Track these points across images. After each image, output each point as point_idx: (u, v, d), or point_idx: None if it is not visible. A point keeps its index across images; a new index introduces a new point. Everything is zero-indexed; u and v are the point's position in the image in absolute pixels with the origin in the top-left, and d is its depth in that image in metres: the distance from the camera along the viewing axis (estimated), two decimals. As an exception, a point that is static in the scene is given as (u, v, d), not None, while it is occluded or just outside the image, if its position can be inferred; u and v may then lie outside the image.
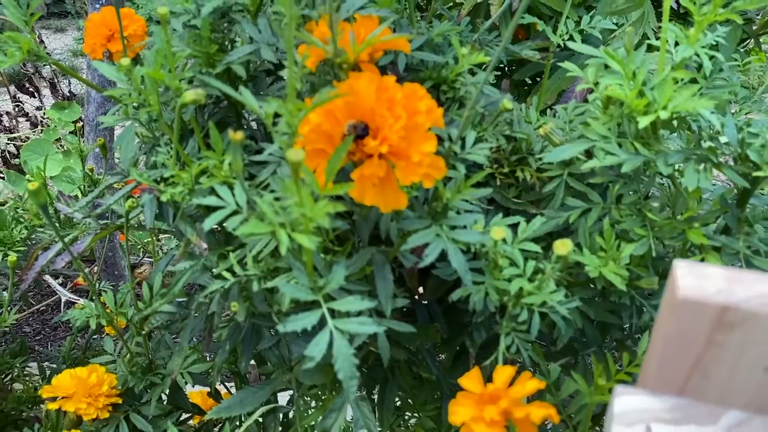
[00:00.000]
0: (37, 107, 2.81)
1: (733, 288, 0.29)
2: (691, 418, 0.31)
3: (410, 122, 0.45)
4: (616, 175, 0.56)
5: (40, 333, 2.60)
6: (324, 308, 0.45)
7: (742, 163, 0.52)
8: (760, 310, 0.28)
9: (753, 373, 0.30)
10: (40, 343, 2.56)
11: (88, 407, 0.73)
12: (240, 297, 0.56)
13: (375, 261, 0.55)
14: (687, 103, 0.48)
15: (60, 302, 2.36)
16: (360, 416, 0.56)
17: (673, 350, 0.30)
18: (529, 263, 0.50)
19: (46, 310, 2.66)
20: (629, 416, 0.31)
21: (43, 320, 2.68)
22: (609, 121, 0.56)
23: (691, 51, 0.51)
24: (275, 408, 0.80)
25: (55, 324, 2.64)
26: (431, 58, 0.61)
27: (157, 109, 0.54)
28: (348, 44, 0.48)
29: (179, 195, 0.54)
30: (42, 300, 2.55)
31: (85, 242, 0.73)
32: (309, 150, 0.45)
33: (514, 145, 0.65)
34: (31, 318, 2.64)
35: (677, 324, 0.29)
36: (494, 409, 0.40)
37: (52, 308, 2.65)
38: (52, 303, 2.58)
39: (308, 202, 0.38)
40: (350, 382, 0.43)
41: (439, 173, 0.46)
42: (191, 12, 0.57)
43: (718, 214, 0.55)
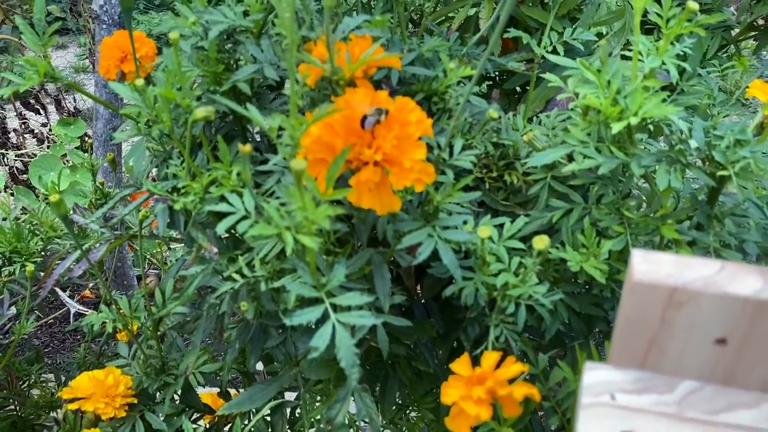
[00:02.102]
0: (42, 124, 2.87)
1: (681, 271, 0.33)
2: (650, 388, 0.35)
3: (402, 132, 0.49)
4: (595, 177, 0.61)
5: (49, 345, 2.65)
6: (327, 303, 0.49)
7: (710, 164, 0.56)
8: (704, 290, 0.32)
9: (702, 346, 0.34)
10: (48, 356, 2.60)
11: (106, 407, 0.78)
12: (249, 297, 0.61)
13: (373, 261, 0.60)
14: (655, 109, 0.52)
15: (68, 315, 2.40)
16: (362, 406, 0.61)
17: (633, 329, 0.35)
18: (514, 259, 0.54)
19: (54, 323, 2.70)
20: (596, 387, 0.35)
21: (51, 333, 2.72)
22: (588, 127, 0.61)
23: (659, 61, 0.55)
24: (283, 404, 0.84)
25: (63, 337, 2.69)
26: (422, 72, 0.65)
27: (169, 125, 0.58)
28: (344, 62, 0.53)
29: (191, 203, 0.58)
30: (50, 313, 2.59)
31: (101, 251, 0.77)
32: (311, 159, 0.49)
33: (502, 151, 0.70)
34: (40, 331, 2.68)
35: (634, 305, 0.34)
36: (481, 389, 0.44)
37: (60, 321, 2.70)
38: (60, 316, 2.62)
39: (310, 206, 0.42)
40: (352, 369, 0.48)
41: (429, 178, 0.50)
42: (199, 34, 0.61)
43: (689, 211, 0.59)
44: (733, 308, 0.32)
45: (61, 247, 0.87)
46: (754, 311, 0.32)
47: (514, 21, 0.96)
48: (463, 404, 0.45)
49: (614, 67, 0.58)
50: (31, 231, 0.99)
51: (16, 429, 1.01)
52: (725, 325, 0.33)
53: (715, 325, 0.33)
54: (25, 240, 0.96)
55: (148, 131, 0.66)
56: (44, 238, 0.97)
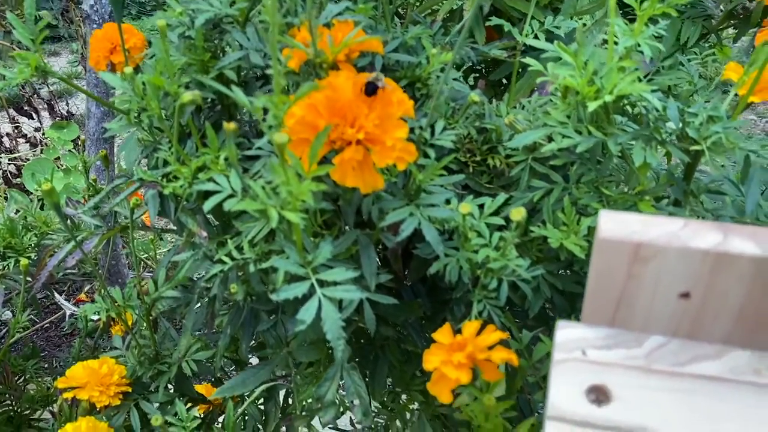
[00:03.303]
0: (36, 128, 2.87)
1: (646, 228, 0.34)
2: (620, 344, 0.37)
3: (383, 112, 0.51)
4: (574, 157, 0.62)
5: (45, 349, 2.65)
6: (313, 279, 0.50)
7: (684, 140, 0.58)
8: (668, 244, 0.34)
9: (668, 300, 0.35)
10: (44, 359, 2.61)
11: (101, 395, 0.79)
12: (238, 280, 0.62)
13: (360, 242, 0.61)
14: (629, 87, 0.54)
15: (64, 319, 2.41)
16: (351, 384, 0.62)
17: (602, 286, 0.36)
18: (494, 235, 0.56)
19: (50, 327, 2.71)
20: (568, 344, 0.37)
21: (47, 337, 2.72)
22: (567, 109, 0.62)
23: (633, 41, 0.57)
24: (275, 388, 0.85)
25: (59, 341, 2.69)
26: (405, 59, 0.67)
27: (157, 112, 0.60)
28: (326, 46, 0.54)
29: (180, 188, 0.60)
30: (46, 317, 2.60)
31: (93, 242, 0.79)
32: (295, 140, 0.51)
33: (486, 136, 0.71)
34: (35, 335, 2.68)
35: (602, 262, 0.35)
36: (461, 354, 0.46)
37: (56, 325, 2.70)
38: (56, 320, 2.62)
39: (294, 180, 0.43)
40: (338, 342, 0.49)
41: (411, 156, 0.52)
42: (186, 24, 0.63)
43: (666, 188, 0.60)
44: (695, 262, 0.34)
45: (55, 242, 0.88)
46: (714, 264, 0.33)
47: (498, 12, 0.98)
48: (443, 369, 0.46)
49: (591, 50, 0.60)
50: (24, 227, 1.00)
51: (12, 424, 1.02)
52: (688, 278, 0.34)
53: (678, 279, 0.35)
54: (18, 236, 0.97)
55: (139, 122, 0.67)
56: (38, 233, 0.98)
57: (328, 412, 0.62)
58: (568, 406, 0.34)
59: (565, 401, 0.35)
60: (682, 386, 0.35)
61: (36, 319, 2.59)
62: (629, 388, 0.35)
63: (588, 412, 0.34)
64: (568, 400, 0.35)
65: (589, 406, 0.35)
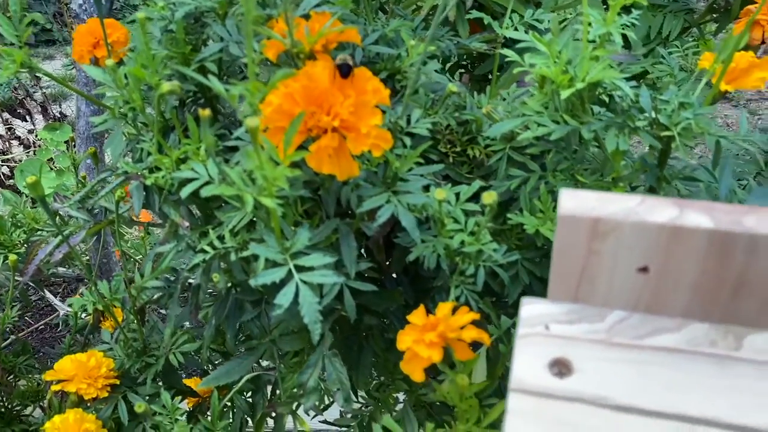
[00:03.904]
0: (29, 130, 2.88)
1: (604, 205, 0.35)
2: (582, 319, 0.38)
3: (358, 100, 0.52)
4: (550, 145, 0.63)
5: (40, 351, 2.65)
6: (290, 264, 0.51)
7: (656, 127, 0.59)
8: (625, 219, 0.35)
9: (627, 275, 0.36)
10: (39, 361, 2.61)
11: (88, 387, 0.79)
12: (220, 269, 0.63)
13: (340, 230, 0.62)
14: (600, 74, 0.55)
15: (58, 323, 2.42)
16: (333, 371, 0.63)
17: (564, 262, 0.37)
18: (470, 220, 0.57)
19: (45, 328, 2.71)
20: (532, 320, 0.38)
21: (42, 339, 2.72)
22: (544, 98, 0.64)
23: (604, 30, 0.58)
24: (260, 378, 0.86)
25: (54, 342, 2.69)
26: (385, 51, 0.68)
27: (139, 104, 0.61)
28: (303, 36, 0.55)
29: (162, 179, 0.61)
30: (40, 319, 2.60)
31: (80, 235, 0.79)
32: (272, 128, 0.52)
33: (466, 127, 0.72)
34: (30, 337, 2.69)
35: (563, 238, 0.36)
36: (433, 333, 0.46)
37: (51, 327, 2.70)
38: (51, 322, 2.63)
39: (267, 165, 0.44)
40: (315, 325, 0.50)
41: (387, 144, 0.53)
42: (167, 18, 0.64)
43: (640, 174, 0.62)
44: (651, 236, 0.35)
45: (43, 237, 0.89)
46: (670, 238, 0.34)
47: (481, 7, 0.99)
48: (415, 348, 0.47)
49: (565, 40, 0.61)
50: (13, 224, 1.00)
51: (2, 420, 1.03)
52: (645, 253, 0.35)
53: (636, 254, 0.36)
54: (7, 232, 0.97)
55: (123, 116, 0.68)
56: (26, 230, 0.99)
57: (310, 399, 0.62)
58: (531, 379, 0.35)
59: (528, 374, 0.35)
60: (641, 358, 0.36)
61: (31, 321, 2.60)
62: (590, 360, 0.36)
63: (550, 384, 0.35)
64: (531, 373, 0.35)
65: (551, 378, 0.35)
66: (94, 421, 0.78)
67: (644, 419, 0.33)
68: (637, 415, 0.34)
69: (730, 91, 0.73)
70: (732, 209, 0.35)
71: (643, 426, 0.33)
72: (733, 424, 0.33)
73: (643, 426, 0.33)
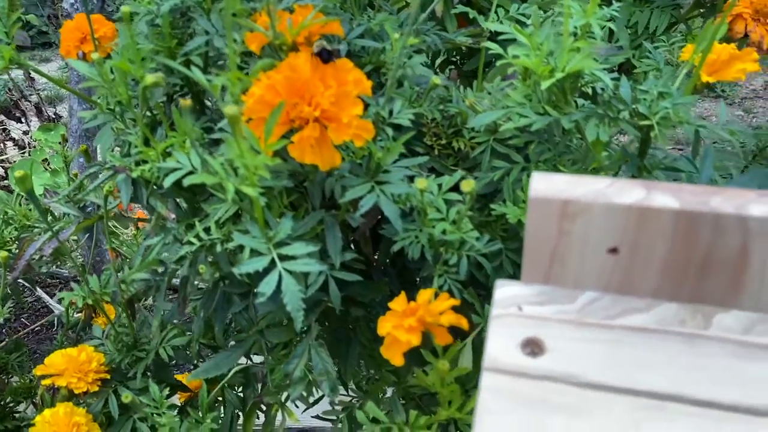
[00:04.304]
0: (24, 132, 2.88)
1: (573, 187, 0.36)
2: (554, 300, 0.38)
3: (340, 90, 0.52)
4: (533, 136, 0.64)
5: (36, 352, 2.65)
6: (274, 253, 0.52)
7: (637, 117, 0.60)
8: (594, 201, 0.35)
9: (597, 256, 0.37)
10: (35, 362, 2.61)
11: (79, 381, 0.80)
12: (207, 261, 0.64)
13: (325, 222, 0.63)
14: (579, 64, 0.56)
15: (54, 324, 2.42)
16: (319, 361, 0.63)
17: (536, 244, 0.38)
18: (451, 210, 0.57)
19: (41, 330, 2.71)
20: (505, 301, 0.38)
21: (38, 340, 2.72)
22: (526, 90, 0.64)
23: (584, 21, 0.59)
24: (253, 378, 0.87)
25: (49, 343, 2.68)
26: (370, 44, 0.69)
27: (125, 97, 0.61)
28: (286, 29, 0.56)
29: (148, 172, 0.61)
30: (36, 320, 2.60)
31: (70, 230, 0.80)
32: (255, 119, 0.52)
33: (451, 120, 0.73)
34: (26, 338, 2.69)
35: (534, 221, 0.37)
36: (412, 318, 0.47)
37: (47, 328, 2.71)
38: (47, 323, 2.63)
39: (247, 153, 0.45)
40: (297, 313, 0.51)
41: (369, 134, 0.53)
42: (153, 12, 0.64)
43: (621, 164, 0.62)
44: (620, 217, 0.35)
45: (34, 233, 0.89)
46: (638, 219, 0.35)
47: (469, 2, 1.00)
48: (395, 332, 0.48)
49: (547, 32, 0.62)
50: (4, 221, 1.01)
51: (-5, 416, 1.03)
52: (615, 234, 0.36)
53: (606, 235, 0.36)
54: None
55: (111, 110, 0.69)
56: (18, 227, 1.00)
57: (297, 388, 0.63)
58: (504, 358, 0.36)
59: (501, 353, 0.36)
60: (611, 337, 0.36)
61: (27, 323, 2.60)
62: (562, 340, 0.36)
63: (522, 363, 0.36)
64: (504, 352, 0.36)
65: (523, 357, 0.36)
66: (84, 415, 0.78)
67: (613, 396, 0.34)
68: (607, 392, 0.34)
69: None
70: (698, 190, 0.35)
71: (612, 402, 0.34)
72: (699, 400, 0.33)
73: (612, 402, 0.34)
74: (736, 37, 0.82)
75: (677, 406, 0.34)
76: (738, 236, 0.35)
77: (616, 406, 0.34)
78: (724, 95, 3.87)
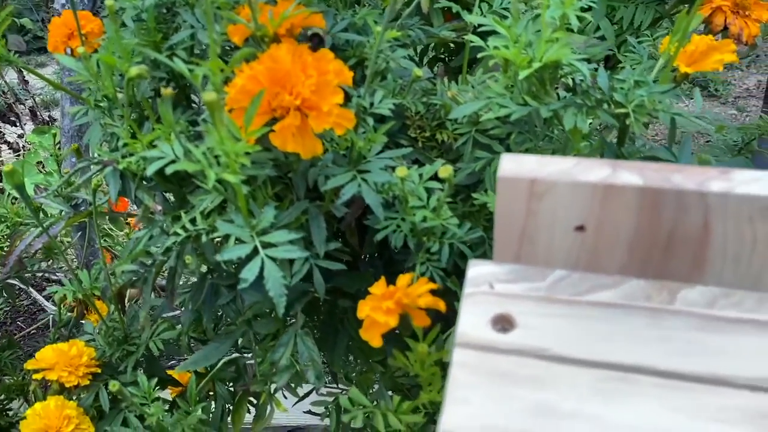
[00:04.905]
0: (19, 135, 2.88)
1: (540, 167, 0.37)
2: (524, 278, 0.39)
3: (320, 80, 0.53)
4: (513, 127, 0.65)
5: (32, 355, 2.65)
6: (256, 241, 0.53)
7: (615, 106, 0.61)
8: (560, 179, 0.36)
9: (565, 234, 0.38)
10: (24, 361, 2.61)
11: (69, 375, 0.81)
12: (193, 252, 0.64)
13: (310, 212, 0.63)
14: (555, 54, 0.57)
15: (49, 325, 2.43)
16: (305, 349, 0.64)
17: (506, 224, 0.39)
18: (432, 198, 0.58)
19: (36, 332, 2.72)
20: (477, 279, 0.39)
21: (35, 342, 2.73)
22: (507, 81, 0.65)
23: (561, 11, 0.60)
24: (243, 371, 0.88)
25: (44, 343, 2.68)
26: (353, 38, 0.70)
27: (111, 91, 0.62)
28: (268, 21, 0.57)
29: (134, 164, 0.62)
30: (32, 323, 2.61)
31: (60, 226, 0.81)
32: (237, 108, 0.53)
33: (435, 113, 0.74)
34: (22, 341, 2.69)
35: (504, 200, 0.38)
36: (390, 301, 0.48)
37: (43, 330, 2.71)
38: (42, 326, 2.64)
39: (227, 140, 0.46)
40: (280, 299, 0.51)
41: (349, 123, 0.54)
42: (139, 7, 0.65)
43: (599, 152, 0.63)
44: (585, 195, 0.36)
45: (24, 229, 0.90)
46: (603, 196, 0.36)
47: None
48: (373, 314, 0.48)
49: (525, 23, 0.63)
50: (-4, 219, 1.02)
51: (-12, 414, 1.04)
52: (581, 212, 0.37)
53: (572, 213, 0.37)
54: (-10, 227, 0.99)
55: (99, 106, 0.69)
56: (10, 224, 1.00)
57: (283, 377, 0.64)
58: (475, 333, 0.37)
59: (472, 329, 0.37)
60: (579, 313, 0.37)
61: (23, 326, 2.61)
62: (531, 316, 0.37)
63: (492, 339, 0.37)
64: (475, 328, 0.37)
65: (494, 333, 0.37)
66: (74, 408, 0.79)
67: (580, 368, 0.35)
68: (573, 365, 0.35)
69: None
70: (662, 167, 0.36)
71: (578, 374, 0.35)
72: (663, 371, 0.34)
73: (577, 374, 0.35)
74: (716, 29, 0.83)
75: (641, 377, 0.34)
76: (700, 212, 0.36)
77: (581, 378, 0.34)
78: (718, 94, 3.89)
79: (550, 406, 0.34)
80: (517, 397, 0.34)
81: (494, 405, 0.34)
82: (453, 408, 0.34)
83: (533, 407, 0.34)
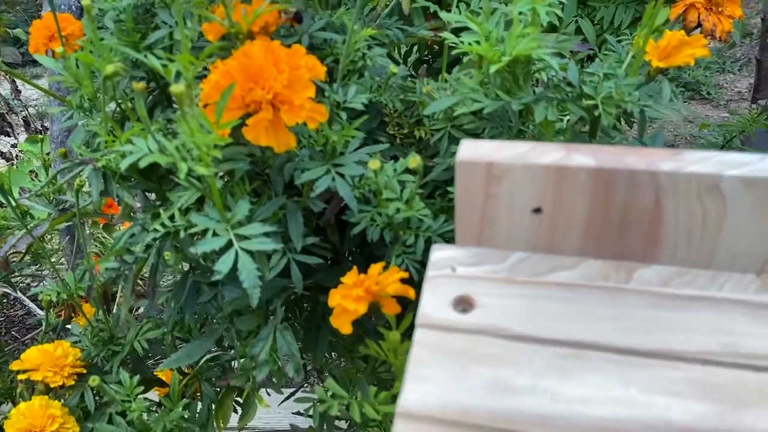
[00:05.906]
0: (12, 145, 2.89)
1: (499, 151, 0.38)
2: (485, 261, 0.40)
3: (292, 74, 0.54)
4: (492, 123, 0.66)
5: (26, 364, 2.65)
6: (231, 234, 0.54)
7: (585, 99, 0.62)
8: (516, 162, 0.37)
9: (524, 217, 0.39)
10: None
11: (54, 375, 0.81)
12: (172, 248, 0.65)
13: (287, 207, 0.64)
14: (524, 48, 0.58)
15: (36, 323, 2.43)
16: (284, 343, 0.65)
17: (466, 208, 0.40)
18: (405, 190, 0.59)
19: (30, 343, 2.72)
20: (439, 263, 0.40)
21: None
22: (481, 76, 0.66)
23: (529, 6, 0.61)
24: (229, 370, 0.88)
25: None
26: (331, 37, 0.71)
27: (90, 90, 0.63)
28: (241, 18, 0.58)
29: (113, 161, 0.63)
30: (27, 333, 2.61)
31: (44, 227, 0.81)
32: (210, 104, 0.54)
33: (413, 110, 0.75)
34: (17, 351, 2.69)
35: (463, 184, 0.39)
36: (360, 289, 0.49)
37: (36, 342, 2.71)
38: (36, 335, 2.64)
39: (198, 132, 0.47)
40: (254, 290, 0.52)
41: (321, 117, 0.55)
42: (118, 8, 0.66)
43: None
44: (540, 177, 0.37)
45: (9, 231, 0.91)
46: (557, 178, 0.37)
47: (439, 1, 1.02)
48: (343, 302, 0.49)
49: (496, 19, 0.64)
50: (-16, 222, 1.02)
51: (-24, 417, 1.04)
52: (537, 194, 0.38)
53: (529, 196, 0.38)
54: (-23, 231, 0.99)
55: (81, 107, 0.70)
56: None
57: (262, 371, 0.64)
58: (436, 315, 0.38)
59: (433, 310, 0.38)
60: (539, 293, 0.38)
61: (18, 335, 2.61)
62: (491, 296, 0.38)
63: (453, 319, 0.37)
64: (436, 309, 0.38)
65: (454, 314, 0.38)
66: (59, 408, 0.79)
67: (538, 346, 0.36)
68: (531, 343, 0.36)
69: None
70: (616, 150, 0.37)
71: (536, 352, 0.35)
72: (619, 347, 0.35)
73: (536, 352, 0.35)
74: (690, 26, 0.84)
75: (597, 353, 0.35)
76: (651, 192, 0.36)
77: (538, 355, 0.35)
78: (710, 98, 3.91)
79: (508, 383, 0.34)
80: (476, 375, 0.35)
81: (453, 382, 0.35)
82: (412, 386, 0.35)
83: (491, 384, 0.34)
